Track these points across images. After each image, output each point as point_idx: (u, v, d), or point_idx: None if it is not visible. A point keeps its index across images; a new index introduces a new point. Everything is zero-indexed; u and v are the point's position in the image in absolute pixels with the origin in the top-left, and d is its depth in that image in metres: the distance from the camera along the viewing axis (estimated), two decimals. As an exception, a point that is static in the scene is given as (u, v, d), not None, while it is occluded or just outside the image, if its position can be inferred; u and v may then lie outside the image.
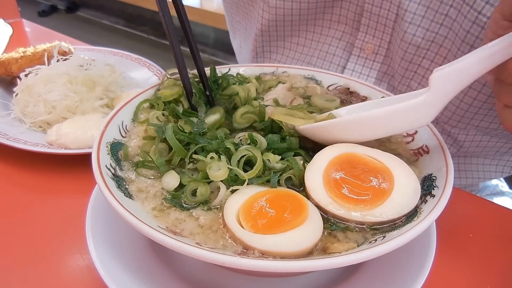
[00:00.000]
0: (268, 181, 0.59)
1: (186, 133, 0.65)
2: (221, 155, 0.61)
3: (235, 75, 0.87)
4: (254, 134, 0.66)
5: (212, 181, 0.59)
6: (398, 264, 0.62)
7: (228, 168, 0.59)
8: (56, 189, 0.88)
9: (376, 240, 0.52)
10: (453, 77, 0.54)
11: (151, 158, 0.63)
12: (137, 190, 0.61)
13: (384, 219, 0.54)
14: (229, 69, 0.89)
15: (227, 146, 0.62)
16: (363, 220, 0.54)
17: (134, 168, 0.64)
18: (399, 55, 1.02)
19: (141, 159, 0.65)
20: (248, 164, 0.61)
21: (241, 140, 0.66)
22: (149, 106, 0.77)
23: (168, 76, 0.82)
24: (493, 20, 0.61)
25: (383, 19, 1.01)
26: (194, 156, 0.61)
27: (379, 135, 0.62)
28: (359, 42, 1.09)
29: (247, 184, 0.59)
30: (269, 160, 0.61)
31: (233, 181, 0.59)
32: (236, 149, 0.62)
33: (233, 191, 0.58)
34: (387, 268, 0.63)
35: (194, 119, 0.70)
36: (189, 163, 0.62)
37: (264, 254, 0.49)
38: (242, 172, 0.59)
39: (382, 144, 0.71)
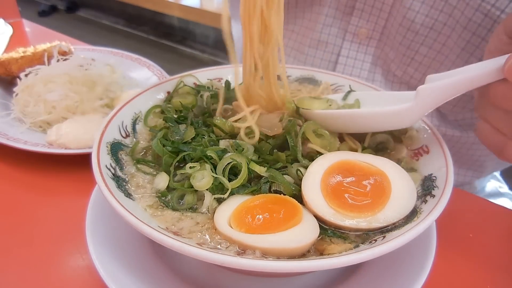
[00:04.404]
0: (255, 191, 0.59)
1: (170, 142, 0.65)
2: (206, 163, 0.60)
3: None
4: (240, 141, 0.65)
5: None
6: (398, 264, 0.62)
7: (213, 176, 0.58)
8: (56, 189, 0.88)
9: (376, 240, 0.52)
10: (439, 91, 0.58)
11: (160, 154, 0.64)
12: (136, 185, 0.62)
13: (388, 223, 0.54)
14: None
15: (209, 154, 0.61)
16: (369, 228, 0.54)
17: (135, 163, 0.65)
18: (397, 40, 1.01)
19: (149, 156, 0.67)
20: (236, 171, 0.60)
21: (226, 147, 0.65)
22: (160, 111, 0.78)
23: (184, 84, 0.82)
24: (496, 32, 0.63)
25: (380, 3, 1.00)
26: (179, 171, 0.61)
27: (369, 129, 0.68)
28: (352, 27, 1.07)
29: (234, 193, 0.58)
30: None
31: (218, 190, 0.59)
32: (220, 157, 0.61)
33: (218, 199, 0.58)
34: (387, 268, 0.63)
35: (183, 126, 0.69)
36: (178, 170, 0.62)
37: (265, 252, 0.49)
38: (226, 181, 0.58)
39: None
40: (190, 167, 0.60)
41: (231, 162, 0.60)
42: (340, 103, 0.76)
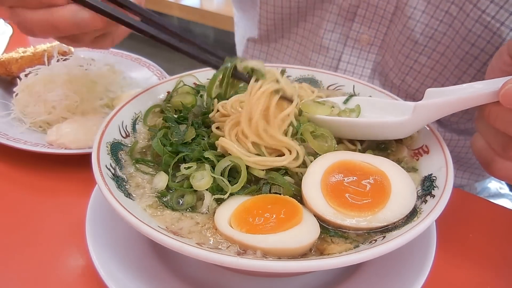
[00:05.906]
0: (255, 191, 0.59)
1: (169, 142, 0.65)
2: (205, 163, 0.60)
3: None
4: None
5: None
6: (398, 264, 0.62)
7: (212, 176, 0.58)
8: (56, 189, 0.88)
9: (376, 240, 0.52)
10: (435, 109, 0.61)
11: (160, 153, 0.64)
12: (135, 185, 0.62)
13: (389, 222, 0.54)
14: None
15: (207, 156, 0.61)
16: (370, 227, 0.54)
17: (134, 162, 0.65)
18: (397, 48, 1.01)
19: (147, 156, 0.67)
20: (235, 171, 0.60)
21: None
22: (160, 110, 0.77)
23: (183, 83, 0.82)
24: (499, 52, 0.65)
25: (381, 10, 1.00)
26: (178, 173, 0.61)
27: (365, 137, 0.71)
28: (354, 33, 1.07)
29: (234, 193, 0.58)
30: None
31: (218, 190, 0.59)
32: (218, 159, 0.61)
33: (218, 199, 0.58)
34: (387, 268, 0.63)
35: (183, 126, 0.69)
36: (177, 170, 0.62)
37: (266, 253, 0.49)
38: (226, 183, 0.58)
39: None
40: (186, 168, 0.60)
41: (230, 164, 0.60)
42: (342, 107, 0.76)
